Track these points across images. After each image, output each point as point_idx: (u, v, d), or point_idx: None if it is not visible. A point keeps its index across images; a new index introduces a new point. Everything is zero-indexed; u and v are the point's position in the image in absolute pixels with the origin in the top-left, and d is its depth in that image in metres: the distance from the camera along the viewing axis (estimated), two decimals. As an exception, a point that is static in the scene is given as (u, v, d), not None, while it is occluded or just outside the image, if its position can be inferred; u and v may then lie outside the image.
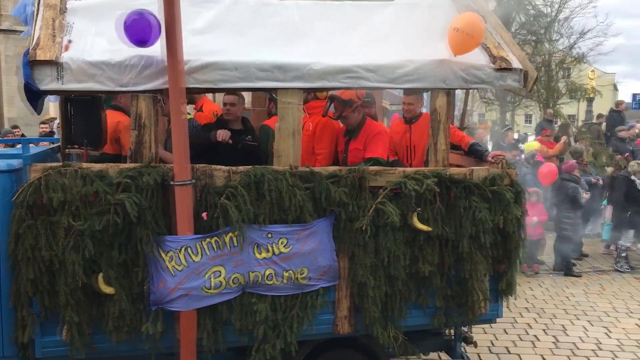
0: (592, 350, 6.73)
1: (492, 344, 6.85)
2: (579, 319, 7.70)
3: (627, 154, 11.22)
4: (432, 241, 4.41)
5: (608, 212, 10.62)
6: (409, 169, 4.57)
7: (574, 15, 22.29)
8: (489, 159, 4.90)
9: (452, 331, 5.21)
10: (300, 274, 4.24)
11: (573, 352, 6.66)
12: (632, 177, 9.76)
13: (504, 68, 4.52)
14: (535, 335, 7.13)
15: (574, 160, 10.37)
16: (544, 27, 21.34)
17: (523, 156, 11.57)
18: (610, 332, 7.29)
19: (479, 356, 6.51)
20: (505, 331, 7.25)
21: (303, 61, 4.26)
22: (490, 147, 13.83)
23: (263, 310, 4.15)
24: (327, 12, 4.89)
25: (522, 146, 14.18)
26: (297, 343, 4.30)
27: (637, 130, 13.56)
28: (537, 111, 26.56)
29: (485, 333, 7.15)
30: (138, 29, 3.69)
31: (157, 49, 3.90)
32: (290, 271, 4.22)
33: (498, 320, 7.41)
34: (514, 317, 7.71)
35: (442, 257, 4.48)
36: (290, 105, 4.25)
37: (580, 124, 23.61)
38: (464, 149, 5.29)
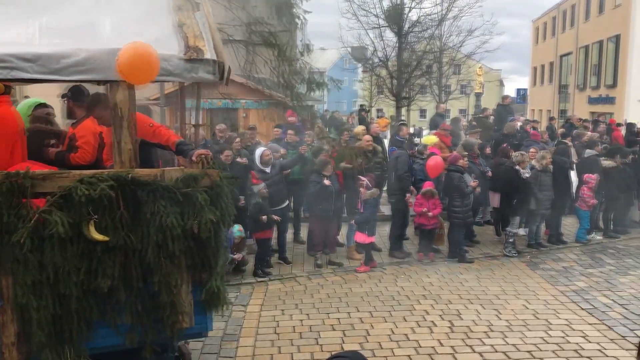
0: (485, 332, 7.09)
1: (392, 332, 7.04)
2: (472, 303, 8.09)
3: (505, 144, 11.88)
4: (114, 252, 3.98)
5: (495, 200, 11.20)
6: (87, 172, 4.07)
7: (462, 14, 23.35)
8: (193, 158, 4.51)
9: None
10: None
11: (467, 335, 6.98)
12: (516, 167, 10.37)
13: (195, 59, 4.19)
14: (432, 321, 7.41)
15: (467, 152, 10.88)
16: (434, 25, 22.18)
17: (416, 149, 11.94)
18: (501, 313, 7.71)
19: (380, 344, 6.68)
20: (404, 319, 7.48)
21: None
22: (387, 142, 14.28)
23: None
24: None
25: (418, 140, 14.73)
26: None
27: (519, 123, 14.45)
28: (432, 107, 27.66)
29: (386, 322, 7.36)
30: None
31: None
32: None
33: (397, 308, 7.82)
34: (412, 305, 7.98)
35: (128, 269, 4.05)
36: None
37: (470, 117, 24.89)
38: (172, 149, 4.95)
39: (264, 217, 8.93)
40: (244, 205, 9.34)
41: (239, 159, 9.65)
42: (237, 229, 8.82)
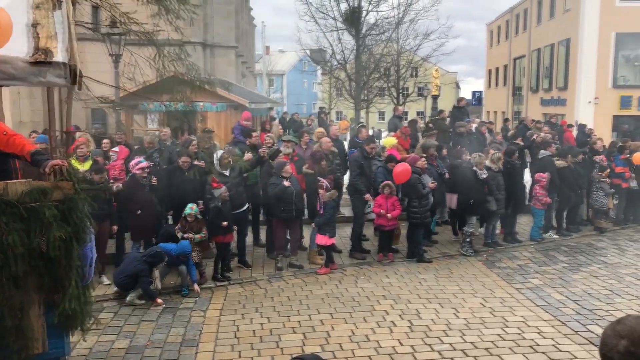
0: (443, 330, 7.18)
1: (353, 333, 7.06)
2: (430, 302, 8.19)
3: (459, 146, 12.10)
4: None
5: (452, 200, 11.36)
6: None
7: (418, 17, 23.70)
8: (46, 169, 4.13)
9: None
10: None
11: (426, 334, 7.06)
12: (474, 168, 10.56)
13: (42, 62, 3.85)
14: (392, 321, 7.46)
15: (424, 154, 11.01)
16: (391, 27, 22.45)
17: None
18: (459, 312, 7.83)
19: (340, 346, 6.70)
20: (364, 319, 7.51)
21: None
22: (346, 145, 14.36)
23: None
24: None
25: (378, 142, 14.82)
26: None
27: (475, 125, 14.74)
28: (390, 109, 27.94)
29: (346, 323, 7.38)
30: None
31: None
32: None
33: (357, 309, 7.86)
34: (372, 305, 8.03)
35: None
36: None
37: (427, 119, 25.25)
38: (27, 159, 4.50)
39: (225, 223, 8.84)
40: (202, 209, 9.24)
41: (196, 162, 9.55)
42: (189, 207, 8.78)
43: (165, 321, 7.50)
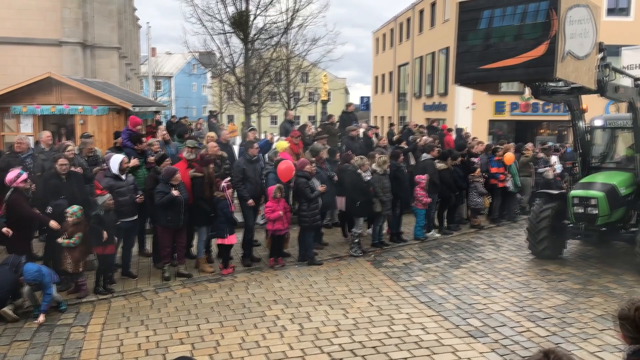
0: (333, 332, 7.26)
1: (243, 340, 6.96)
2: (321, 304, 8.27)
3: (349, 151, 12.38)
4: None
5: (342, 203, 11.58)
6: None
7: (306, 23, 24.01)
8: None
9: None
10: None
11: (316, 337, 7.10)
12: (358, 171, 10.83)
13: None
14: (283, 326, 7.44)
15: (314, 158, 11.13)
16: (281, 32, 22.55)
17: (267, 156, 12.00)
18: (348, 312, 7.96)
19: (230, 354, 6.57)
20: (255, 326, 7.43)
21: None
22: (236, 149, 14.20)
23: None
24: None
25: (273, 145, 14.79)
26: None
27: (362, 129, 15.15)
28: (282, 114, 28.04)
29: (236, 330, 7.26)
30: None
31: None
32: None
33: (248, 315, 7.79)
34: (263, 311, 7.96)
35: None
36: None
37: (318, 124, 25.63)
38: None
39: (105, 235, 8.36)
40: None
41: (73, 168, 8.98)
42: (76, 209, 8.24)
43: (40, 340, 6.98)
